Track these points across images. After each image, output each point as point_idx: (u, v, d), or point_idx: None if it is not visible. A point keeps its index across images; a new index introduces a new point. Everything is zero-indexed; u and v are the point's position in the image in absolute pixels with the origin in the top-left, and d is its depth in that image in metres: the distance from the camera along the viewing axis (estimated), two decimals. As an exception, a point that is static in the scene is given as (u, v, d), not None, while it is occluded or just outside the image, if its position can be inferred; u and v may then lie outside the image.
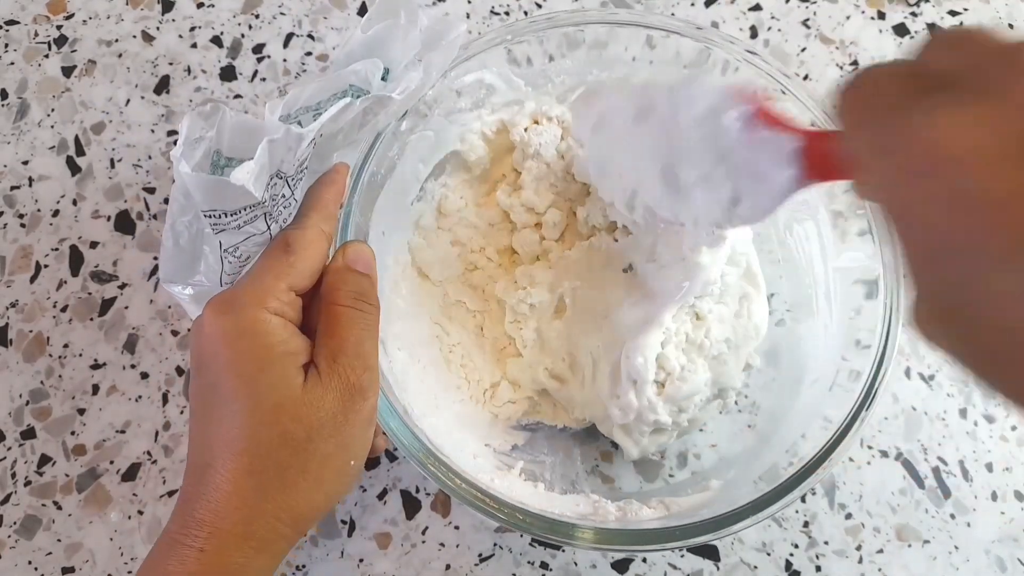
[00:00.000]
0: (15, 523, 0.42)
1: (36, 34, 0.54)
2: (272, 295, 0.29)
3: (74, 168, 0.50)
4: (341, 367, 0.30)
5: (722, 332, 0.40)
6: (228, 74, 0.53)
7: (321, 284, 0.32)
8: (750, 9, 0.55)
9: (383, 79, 0.33)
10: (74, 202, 0.49)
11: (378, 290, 0.33)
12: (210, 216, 0.29)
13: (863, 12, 0.55)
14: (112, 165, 0.50)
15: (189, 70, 0.53)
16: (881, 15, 0.55)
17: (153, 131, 0.51)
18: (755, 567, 0.42)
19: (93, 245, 0.48)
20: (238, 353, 0.28)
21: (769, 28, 0.54)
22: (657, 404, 0.38)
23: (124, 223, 0.49)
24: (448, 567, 0.42)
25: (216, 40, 0.54)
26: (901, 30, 0.54)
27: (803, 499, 0.43)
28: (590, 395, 0.40)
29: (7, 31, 0.54)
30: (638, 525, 0.35)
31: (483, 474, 0.37)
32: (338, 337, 0.30)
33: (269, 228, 0.31)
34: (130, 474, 0.44)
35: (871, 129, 0.21)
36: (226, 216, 0.29)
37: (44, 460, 0.44)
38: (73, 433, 0.44)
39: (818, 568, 0.42)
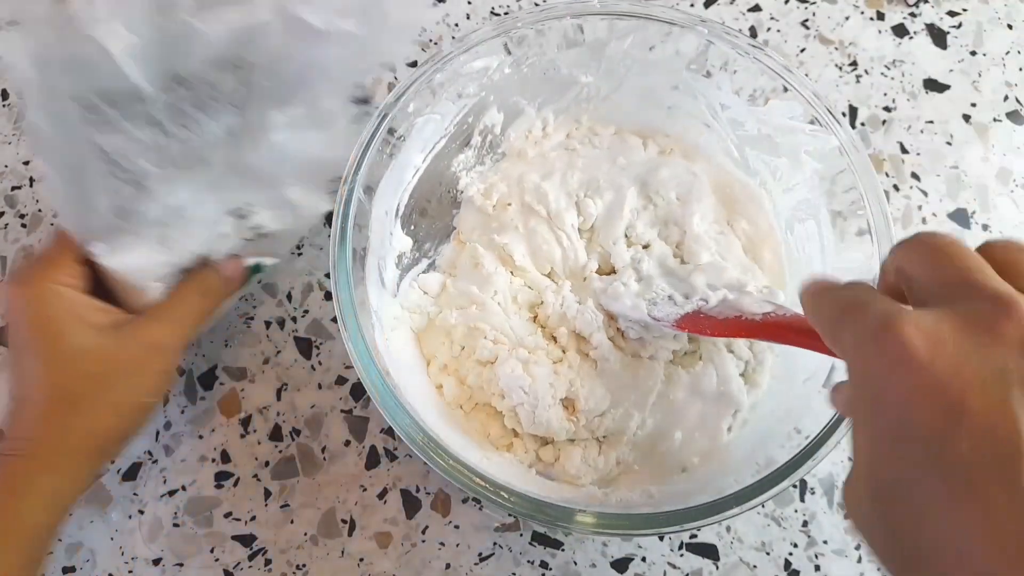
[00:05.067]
0: (16, 522, 0.43)
1: (37, 35, 0.54)
2: (60, 269, 0.36)
3: (75, 168, 0.50)
4: (143, 327, 0.37)
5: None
6: (229, 75, 0.53)
7: None
8: (749, 10, 0.55)
9: None
10: (75, 202, 0.49)
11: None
12: (82, 104, 0.25)
13: (862, 13, 0.55)
14: (113, 165, 0.50)
15: (190, 71, 0.53)
16: (880, 16, 0.55)
17: (154, 131, 0.51)
18: (754, 566, 0.42)
19: (94, 245, 0.48)
20: (35, 315, 0.36)
21: (768, 28, 0.54)
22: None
23: (125, 223, 0.49)
24: (448, 566, 0.42)
25: (217, 41, 0.54)
26: (900, 31, 0.54)
27: (802, 499, 0.43)
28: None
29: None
30: (637, 509, 0.35)
31: (471, 453, 0.37)
32: (163, 304, 0.38)
33: (168, 145, 0.28)
34: (131, 473, 0.44)
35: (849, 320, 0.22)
36: (97, 100, 0.25)
37: (45, 459, 0.44)
38: (74, 433, 0.44)
39: (817, 567, 0.42)
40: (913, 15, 0.55)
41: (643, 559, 0.42)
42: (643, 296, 0.40)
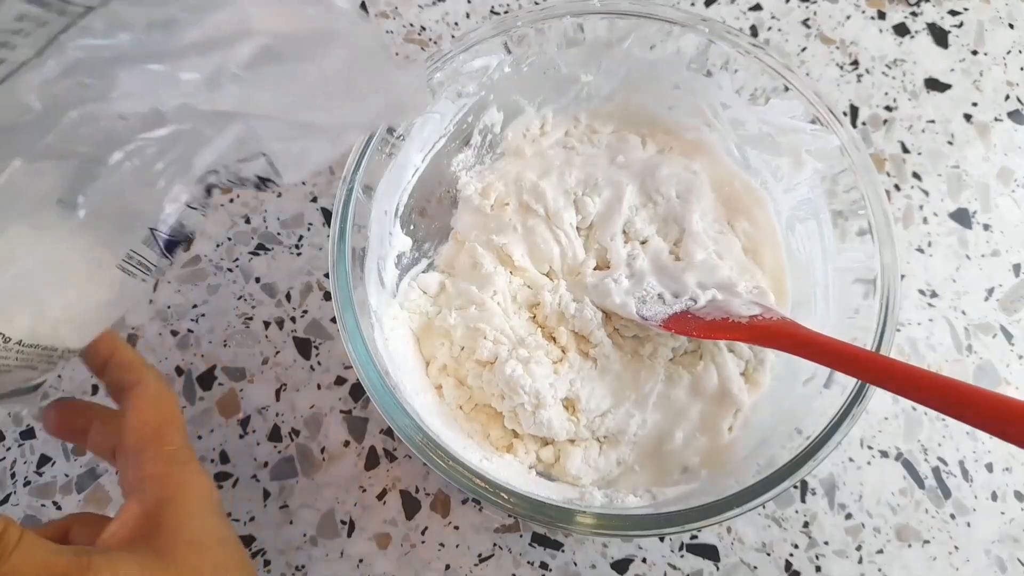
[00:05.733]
0: (14, 523, 0.42)
1: (36, 34, 0.54)
2: None
3: (74, 168, 0.50)
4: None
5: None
6: (228, 74, 0.53)
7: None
8: (750, 9, 0.55)
9: None
10: (74, 202, 0.49)
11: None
12: None
13: (863, 12, 0.55)
14: (112, 165, 0.50)
15: (189, 70, 0.53)
16: (881, 15, 0.55)
17: (153, 131, 0.51)
18: (755, 567, 0.42)
19: (93, 245, 0.48)
20: None
21: (769, 28, 0.54)
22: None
23: (124, 223, 0.49)
24: (448, 567, 0.42)
25: (216, 40, 0.53)
26: (901, 30, 0.54)
27: (803, 499, 0.43)
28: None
29: (7, 31, 0.54)
30: (638, 510, 0.35)
31: (471, 453, 0.37)
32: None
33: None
34: (129, 474, 0.44)
35: None
36: None
37: (44, 460, 0.44)
38: (72, 433, 0.44)
39: (818, 568, 0.42)
40: (914, 14, 0.55)
41: (643, 560, 0.42)
42: (633, 294, 0.40)
